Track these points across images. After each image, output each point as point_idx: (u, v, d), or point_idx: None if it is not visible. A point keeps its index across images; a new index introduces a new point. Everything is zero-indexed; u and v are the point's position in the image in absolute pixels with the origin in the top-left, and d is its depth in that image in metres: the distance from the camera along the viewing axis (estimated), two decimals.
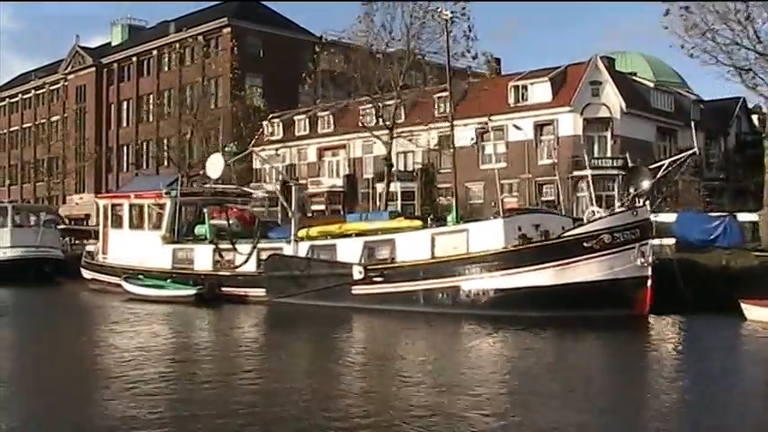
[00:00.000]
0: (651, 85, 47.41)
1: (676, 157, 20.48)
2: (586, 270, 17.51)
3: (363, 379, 12.53)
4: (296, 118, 55.52)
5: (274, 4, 60.74)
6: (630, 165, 39.74)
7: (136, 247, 28.90)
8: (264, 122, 56.02)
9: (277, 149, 54.29)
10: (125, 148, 64.79)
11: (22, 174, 71.35)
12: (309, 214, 44.60)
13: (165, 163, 55.60)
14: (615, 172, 42.73)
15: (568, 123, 43.59)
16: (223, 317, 21.60)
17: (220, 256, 23.87)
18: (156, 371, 12.91)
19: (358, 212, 31.79)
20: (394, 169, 51.08)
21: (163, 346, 16.33)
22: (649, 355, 15.00)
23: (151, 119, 62.97)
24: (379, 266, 20.20)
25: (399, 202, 48.38)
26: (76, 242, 44.20)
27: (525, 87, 45.61)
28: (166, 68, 62.88)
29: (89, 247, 33.48)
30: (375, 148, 51.77)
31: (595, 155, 43.40)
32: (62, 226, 43.73)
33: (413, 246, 20.03)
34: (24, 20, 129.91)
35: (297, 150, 55.09)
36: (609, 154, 43.90)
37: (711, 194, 43.86)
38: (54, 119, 70.07)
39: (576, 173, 43.02)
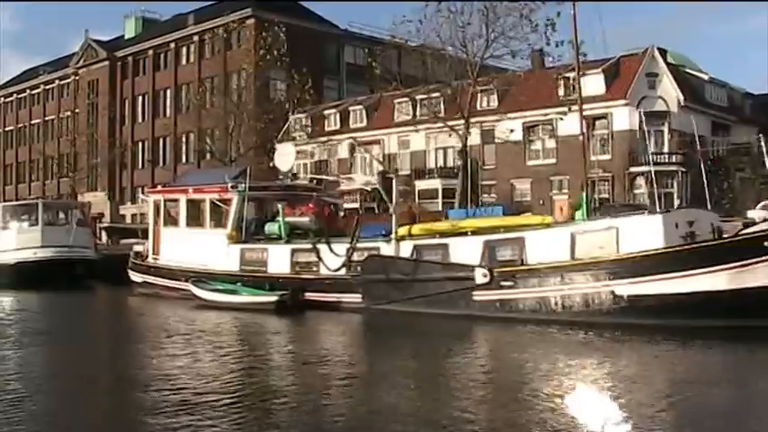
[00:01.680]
0: (705, 77, 45.51)
1: None
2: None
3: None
4: (325, 112, 53.24)
5: None
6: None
7: (194, 248, 26.45)
8: (291, 117, 53.68)
9: (307, 143, 52.03)
10: (140, 144, 62.22)
11: (31, 171, 68.62)
12: (342, 213, 42.43)
13: (200, 157, 53.06)
14: (674, 168, 40.86)
15: (623, 117, 41.68)
16: (325, 329, 19.19)
17: (318, 257, 21.37)
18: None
19: (461, 209, 29.28)
20: (433, 165, 49.27)
21: (282, 370, 13.80)
22: None
23: (168, 113, 60.64)
24: (509, 269, 17.93)
25: (440, 199, 46.36)
26: (109, 241, 41.66)
27: (576, 80, 43.39)
28: (184, 62, 60.48)
29: (137, 248, 30.94)
30: (412, 143, 49.81)
31: (651, 150, 41.45)
32: (104, 224, 41.24)
33: (547, 245, 17.82)
34: (25, 17, 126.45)
35: (327, 146, 52.80)
36: (666, 149, 42.00)
37: None
38: (65, 115, 67.44)
39: (632, 169, 41.20)
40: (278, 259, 23.38)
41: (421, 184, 47.90)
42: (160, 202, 29.07)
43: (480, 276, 18.20)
